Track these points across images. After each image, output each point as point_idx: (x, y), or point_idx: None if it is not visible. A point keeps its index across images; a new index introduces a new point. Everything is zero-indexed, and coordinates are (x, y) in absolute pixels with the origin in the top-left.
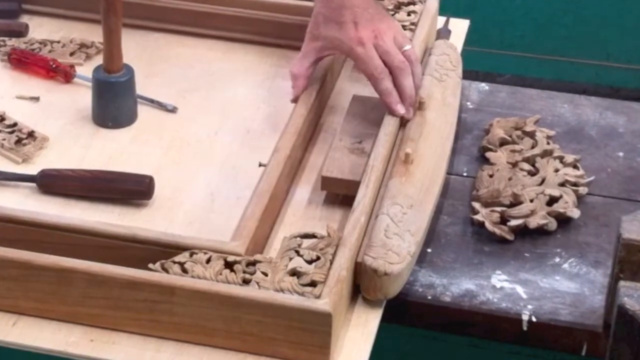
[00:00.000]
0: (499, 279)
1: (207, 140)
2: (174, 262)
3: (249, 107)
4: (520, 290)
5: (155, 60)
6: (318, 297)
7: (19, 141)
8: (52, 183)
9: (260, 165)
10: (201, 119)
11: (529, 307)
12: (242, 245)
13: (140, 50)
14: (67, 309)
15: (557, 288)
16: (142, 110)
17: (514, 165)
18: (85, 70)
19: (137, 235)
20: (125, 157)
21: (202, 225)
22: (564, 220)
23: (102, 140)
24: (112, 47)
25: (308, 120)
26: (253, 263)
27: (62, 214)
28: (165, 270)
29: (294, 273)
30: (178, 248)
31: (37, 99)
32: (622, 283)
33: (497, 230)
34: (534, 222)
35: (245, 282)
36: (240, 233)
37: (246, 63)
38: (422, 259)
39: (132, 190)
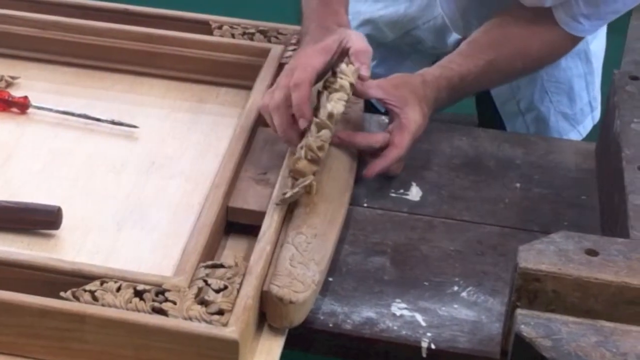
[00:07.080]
0: (398, 307)
1: (114, 171)
2: (85, 290)
3: (153, 139)
4: (419, 318)
5: (64, 94)
6: (225, 325)
7: None
8: None
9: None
10: (108, 150)
11: (428, 334)
12: (186, 280)
13: (49, 84)
14: None
15: (456, 316)
16: (52, 141)
17: None
18: None
19: (49, 264)
20: (34, 186)
21: (108, 255)
22: (462, 249)
23: (12, 170)
24: None
25: (242, 152)
26: (162, 292)
27: None
28: (77, 298)
29: (202, 302)
30: (104, 278)
31: None
32: (519, 311)
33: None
34: None
35: (155, 310)
36: (182, 268)
37: (151, 97)
38: (324, 288)
39: (41, 220)
